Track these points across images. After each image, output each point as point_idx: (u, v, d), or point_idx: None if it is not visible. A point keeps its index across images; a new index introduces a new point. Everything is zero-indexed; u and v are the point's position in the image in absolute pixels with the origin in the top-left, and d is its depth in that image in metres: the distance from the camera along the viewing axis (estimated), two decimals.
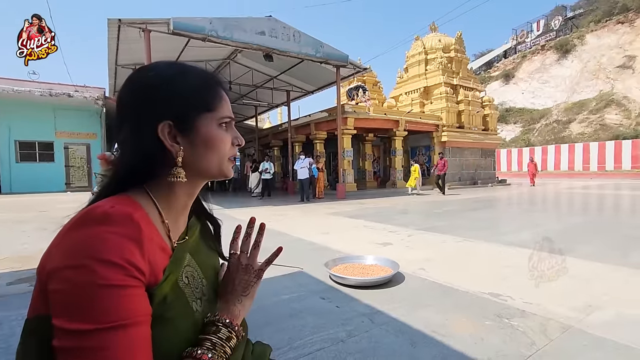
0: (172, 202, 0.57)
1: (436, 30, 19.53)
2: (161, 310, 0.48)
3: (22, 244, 4.44)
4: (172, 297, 0.51)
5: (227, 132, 0.59)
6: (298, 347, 1.82)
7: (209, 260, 0.65)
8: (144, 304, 0.45)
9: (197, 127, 0.55)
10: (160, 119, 0.53)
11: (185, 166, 0.55)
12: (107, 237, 0.43)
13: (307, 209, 8.49)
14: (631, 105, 28.50)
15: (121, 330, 0.41)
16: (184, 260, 0.57)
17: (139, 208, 0.51)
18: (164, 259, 0.52)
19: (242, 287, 0.62)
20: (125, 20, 8.19)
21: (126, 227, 0.45)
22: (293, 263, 3.32)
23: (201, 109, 0.56)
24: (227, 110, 0.59)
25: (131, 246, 0.44)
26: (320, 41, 10.70)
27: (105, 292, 0.41)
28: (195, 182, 0.59)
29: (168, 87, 0.54)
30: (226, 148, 0.58)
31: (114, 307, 0.41)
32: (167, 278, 0.51)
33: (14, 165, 14.02)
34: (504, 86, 39.98)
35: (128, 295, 0.42)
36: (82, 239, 0.43)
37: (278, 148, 17.74)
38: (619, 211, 7.93)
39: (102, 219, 0.44)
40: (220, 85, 0.61)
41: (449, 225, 5.65)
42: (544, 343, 1.81)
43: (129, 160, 0.53)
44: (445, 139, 15.80)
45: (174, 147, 0.54)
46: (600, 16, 37.07)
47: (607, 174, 22.67)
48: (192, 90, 0.56)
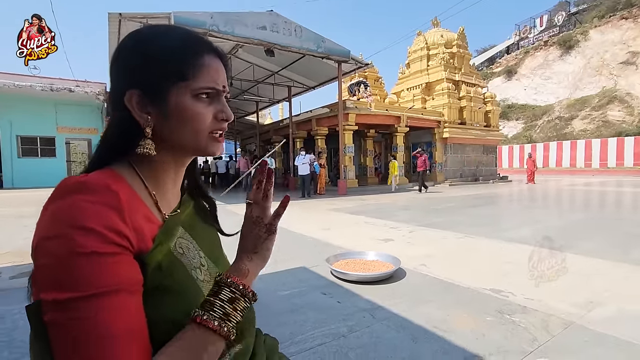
0: (158, 176, 0.55)
1: (438, 26, 19.40)
2: (159, 278, 0.47)
3: (24, 238, 4.46)
4: (167, 264, 0.49)
5: (208, 104, 0.52)
6: (299, 341, 1.82)
7: (205, 234, 0.62)
8: (130, 272, 0.43)
9: (168, 98, 0.50)
10: (129, 87, 0.50)
11: (159, 139, 0.52)
12: (83, 205, 0.41)
13: (308, 205, 8.50)
14: (634, 101, 28.33)
15: (104, 298, 0.39)
16: (175, 230, 0.54)
17: (121, 180, 0.49)
18: (153, 229, 0.50)
19: (252, 243, 0.56)
20: (125, 15, 8.16)
21: (103, 195, 0.43)
22: (295, 259, 3.32)
23: (173, 77, 0.50)
24: (207, 80, 0.52)
25: (110, 213, 0.42)
26: (322, 36, 10.64)
27: (84, 259, 0.39)
28: (178, 157, 0.55)
29: (141, 52, 0.50)
30: (204, 122, 0.52)
31: (96, 275, 0.39)
32: (159, 245, 0.49)
33: (15, 160, 14.05)
34: (506, 82, 39.76)
35: (110, 263, 0.41)
36: (57, 210, 0.42)
37: (279, 144, 17.69)
38: (620, 208, 7.91)
39: (77, 189, 0.43)
40: (205, 49, 0.53)
41: (450, 222, 5.65)
42: (545, 339, 1.81)
43: (106, 133, 0.52)
44: (447, 135, 15.75)
45: (142, 118, 0.50)
46: (604, 12, 36.76)
47: (609, 170, 22.59)
48: (166, 55, 0.50)
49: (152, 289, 0.46)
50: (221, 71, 0.55)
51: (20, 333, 1.89)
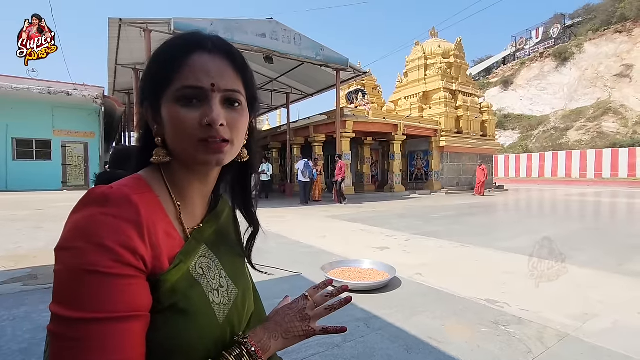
0: (183, 186, 0.54)
1: (436, 36, 19.64)
2: (173, 299, 0.45)
3: (16, 242, 4.40)
4: (185, 287, 0.48)
5: (192, 108, 0.48)
6: (293, 351, 1.80)
7: (229, 254, 0.60)
8: (138, 297, 0.42)
9: (162, 106, 0.50)
10: (142, 101, 0.53)
11: (170, 148, 0.52)
12: (102, 219, 0.41)
13: (304, 212, 8.47)
14: (628, 113, 28.69)
15: (108, 324, 0.39)
16: (198, 250, 0.53)
17: (145, 189, 0.49)
18: (171, 244, 0.49)
19: (286, 328, 0.57)
20: (126, 20, 8.20)
21: (123, 209, 0.43)
22: (290, 266, 3.30)
23: (161, 84, 0.49)
24: (186, 79, 0.48)
25: (128, 229, 0.42)
26: (321, 44, 10.74)
27: (95, 279, 0.39)
28: (190, 166, 0.53)
29: (151, 63, 0.51)
30: (187, 128, 0.48)
31: (104, 297, 0.39)
32: (177, 266, 0.47)
33: (10, 162, 13.95)
34: (502, 92, 40.17)
35: (120, 285, 0.40)
36: (78, 221, 0.42)
37: (277, 150, 17.73)
38: (614, 219, 7.96)
39: (100, 200, 0.43)
40: (192, 48, 0.49)
41: (446, 231, 5.64)
42: (540, 351, 1.80)
43: (138, 140, 0.56)
44: (444, 143, 15.85)
45: (154, 128, 0.52)
46: (598, 25, 37.38)
47: (604, 181, 22.75)
48: (158, 63, 0.50)
49: (165, 309, 0.45)
50: (211, 67, 0.49)
51: (7, 341, 1.84)
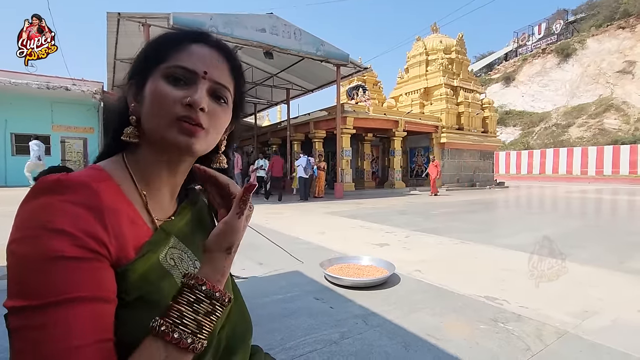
0: (149, 175, 0.51)
1: (437, 31, 19.50)
2: (142, 291, 0.43)
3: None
4: (156, 277, 0.45)
5: (179, 87, 0.47)
6: (290, 348, 1.79)
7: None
8: (102, 279, 0.39)
9: (146, 82, 0.49)
10: (128, 79, 0.52)
11: (143, 130, 0.49)
12: (58, 205, 0.38)
13: (304, 208, 8.46)
14: (630, 110, 28.57)
15: (66, 307, 0.36)
16: (167, 240, 0.51)
17: (105, 177, 0.46)
18: (137, 233, 0.46)
19: (212, 241, 0.48)
20: (124, 14, 8.14)
21: (81, 195, 0.40)
22: (289, 262, 3.29)
23: (153, 61, 0.49)
24: (182, 60, 0.48)
25: (87, 214, 0.39)
26: (321, 39, 10.66)
27: (51, 264, 0.36)
28: (160, 152, 0.50)
29: (148, 44, 0.52)
30: (167, 104, 0.46)
31: (60, 281, 0.36)
32: (145, 255, 0.45)
33: (9, 158, 13.91)
34: (504, 89, 40.01)
35: (80, 268, 0.37)
36: (31, 210, 0.39)
37: (277, 146, 17.69)
38: (615, 216, 7.94)
39: (54, 188, 0.40)
40: (197, 39, 0.52)
41: (446, 227, 5.63)
42: (539, 348, 1.79)
43: (112, 126, 0.53)
44: (445, 140, 15.80)
45: (131, 106, 0.50)
46: (601, 21, 37.13)
47: (605, 178, 22.72)
48: (155, 45, 0.51)
49: (134, 300, 0.42)
50: (209, 59, 0.50)
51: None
